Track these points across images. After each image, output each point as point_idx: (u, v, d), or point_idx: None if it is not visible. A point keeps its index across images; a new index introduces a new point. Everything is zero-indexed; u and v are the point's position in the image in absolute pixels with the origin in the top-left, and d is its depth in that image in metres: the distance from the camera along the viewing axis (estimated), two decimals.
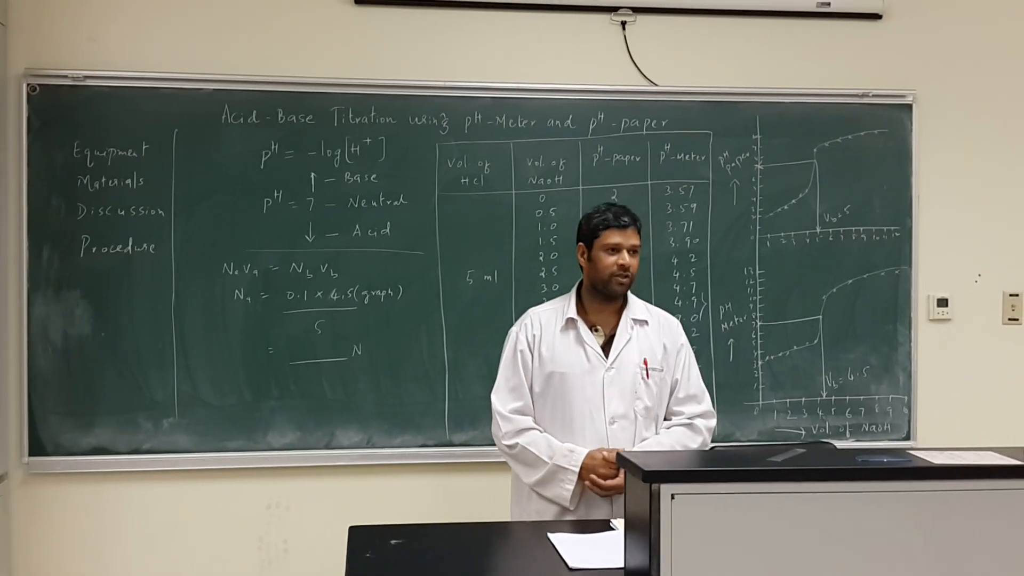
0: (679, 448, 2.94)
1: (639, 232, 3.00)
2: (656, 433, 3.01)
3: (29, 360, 3.61)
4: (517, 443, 2.96)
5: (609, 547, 2.37)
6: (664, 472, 1.98)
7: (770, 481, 1.98)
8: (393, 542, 2.47)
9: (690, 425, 3.02)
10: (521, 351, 3.03)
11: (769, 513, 1.96)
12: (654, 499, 1.94)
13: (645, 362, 2.98)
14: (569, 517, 2.92)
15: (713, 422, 3.09)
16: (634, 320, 3.03)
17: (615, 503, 2.88)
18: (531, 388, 3.02)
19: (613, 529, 2.59)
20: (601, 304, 3.02)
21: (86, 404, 3.64)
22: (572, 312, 3.02)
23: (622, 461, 2.14)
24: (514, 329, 3.10)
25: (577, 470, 2.88)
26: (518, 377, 3.02)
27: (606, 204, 3.08)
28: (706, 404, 3.08)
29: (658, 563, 1.93)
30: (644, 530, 1.97)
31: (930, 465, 2.05)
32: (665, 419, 3.06)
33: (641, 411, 2.97)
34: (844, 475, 2.01)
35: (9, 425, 3.60)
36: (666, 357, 3.03)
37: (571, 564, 2.28)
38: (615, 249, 2.94)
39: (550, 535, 2.51)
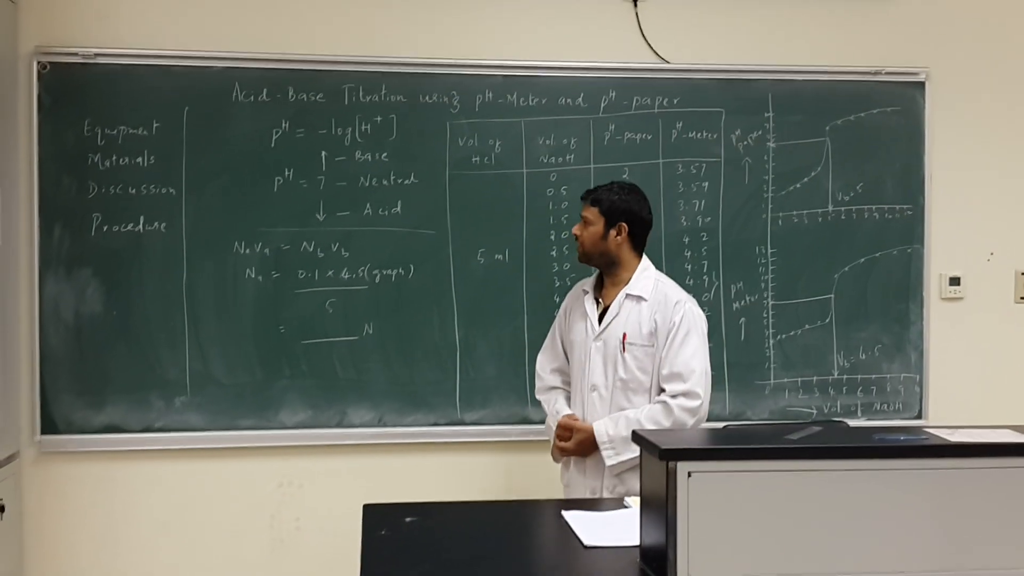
0: (647, 423, 3.01)
1: (594, 204, 3.18)
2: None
3: (41, 339, 3.61)
4: (541, 400, 3.36)
5: (623, 525, 2.38)
6: (681, 450, 1.99)
7: (787, 459, 1.99)
8: (408, 520, 2.48)
9: (664, 403, 3.04)
10: (560, 315, 3.38)
11: (786, 491, 1.97)
12: (671, 477, 1.95)
13: (624, 336, 3.10)
14: (576, 496, 3.15)
15: (695, 403, 3.03)
16: (628, 295, 3.16)
17: (588, 472, 3.14)
18: (566, 351, 3.31)
19: (627, 507, 2.59)
20: (608, 278, 3.23)
21: (98, 382, 3.65)
22: (588, 285, 3.28)
23: (637, 439, 2.14)
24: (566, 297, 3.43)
25: (554, 429, 3.21)
26: (556, 340, 3.36)
27: None
28: (691, 384, 3.04)
29: (675, 540, 1.93)
30: (660, 508, 1.98)
31: (947, 443, 2.05)
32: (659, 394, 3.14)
33: (618, 383, 3.12)
34: (861, 453, 2.02)
35: (21, 404, 3.61)
36: (656, 334, 3.10)
37: (586, 542, 2.28)
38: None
39: (564, 513, 2.52)
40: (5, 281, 3.47)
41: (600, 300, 3.21)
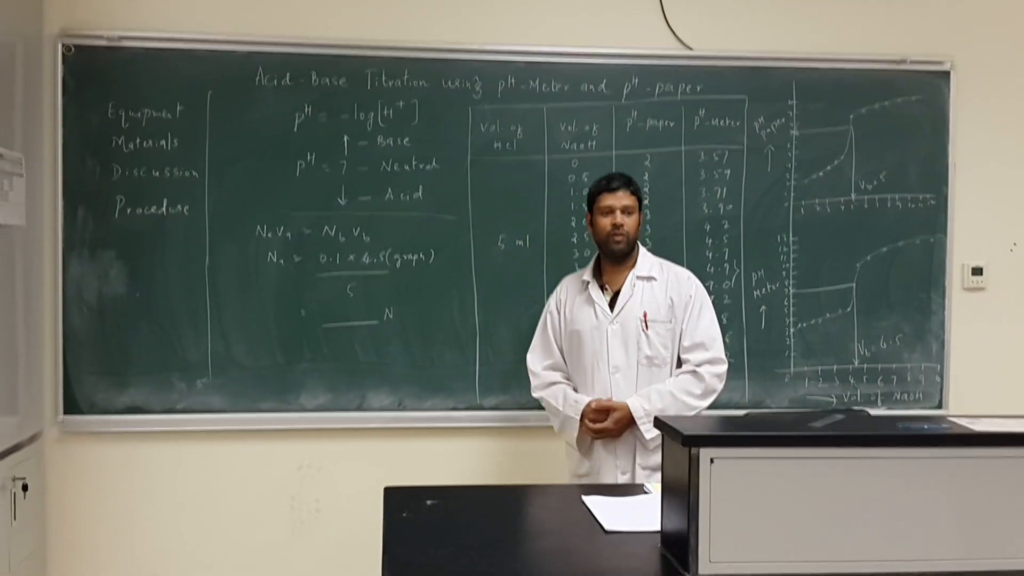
0: (679, 394, 3.17)
1: (634, 193, 3.26)
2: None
3: (64, 320, 3.64)
4: (542, 396, 3.34)
5: (644, 510, 2.38)
6: (704, 436, 1.99)
7: (810, 446, 1.99)
8: (428, 503, 2.49)
9: (694, 372, 3.21)
10: (550, 313, 3.38)
11: (808, 478, 1.97)
12: (693, 463, 1.95)
13: (645, 315, 3.21)
14: (586, 481, 3.22)
15: (721, 368, 3.23)
16: (639, 277, 3.27)
17: (618, 453, 3.20)
18: (561, 347, 3.33)
19: (648, 493, 2.60)
20: (613, 265, 3.29)
21: (121, 364, 3.67)
22: (588, 275, 3.33)
23: (659, 425, 2.14)
24: (551, 295, 3.44)
25: (578, 417, 3.20)
26: (547, 338, 3.36)
27: (606, 174, 3.35)
28: (714, 351, 3.24)
29: (696, 526, 1.94)
30: (683, 494, 1.98)
31: (971, 432, 2.05)
32: (679, 367, 3.25)
33: (643, 361, 3.21)
34: (885, 441, 2.02)
35: (45, 384, 3.64)
36: (673, 310, 3.24)
37: (607, 527, 2.29)
38: (608, 211, 3.23)
39: (584, 498, 2.52)
40: (29, 263, 3.49)
41: (607, 287, 3.28)
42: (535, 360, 3.38)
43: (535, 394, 3.36)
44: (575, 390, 3.28)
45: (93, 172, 3.64)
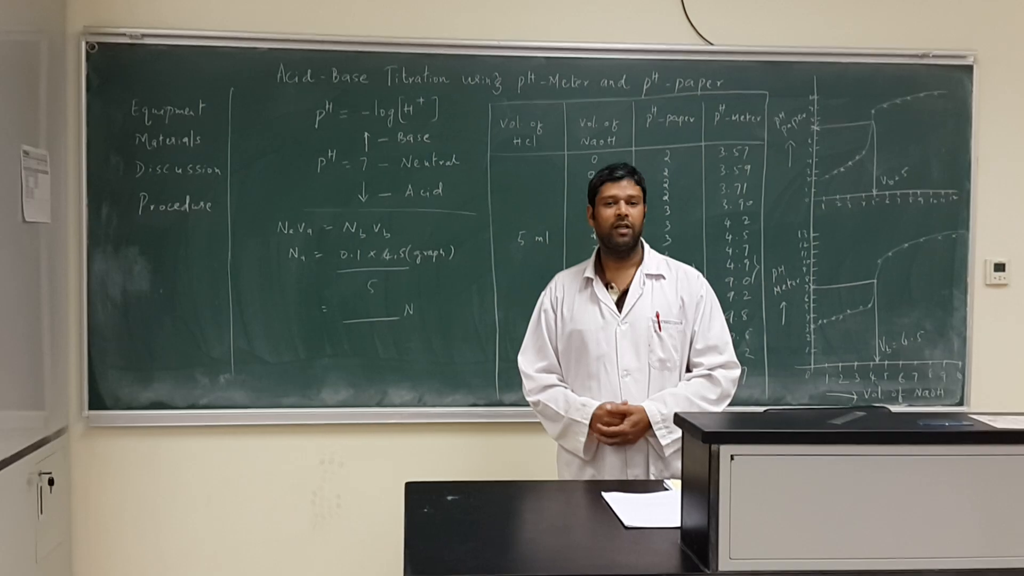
0: (695, 398, 3.01)
1: (638, 183, 3.10)
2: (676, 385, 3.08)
3: (89, 316, 3.67)
4: (539, 400, 3.11)
5: (664, 507, 2.39)
6: (724, 433, 2.00)
7: (831, 444, 1.99)
8: (450, 498, 2.51)
9: (709, 376, 3.06)
10: (544, 311, 3.19)
11: (829, 475, 1.97)
12: (713, 460, 1.95)
13: (657, 315, 3.05)
14: (586, 477, 3.06)
15: (735, 373, 3.10)
16: (647, 275, 3.11)
17: (629, 460, 3.03)
18: (556, 347, 3.14)
19: (668, 489, 2.61)
20: (617, 261, 3.12)
21: (145, 359, 3.71)
22: (589, 272, 3.15)
23: (679, 422, 2.15)
24: (542, 293, 3.25)
25: (587, 422, 3.00)
26: (542, 338, 3.17)
27: (607, 165, 3.18)
28: (728, 355, 3.10)
29: (716, 523, 1.95)
30: (703, 490, 1.99)
31: (993, 429, 2.04)
32: (688, 371, 3.11)
33: (655, 364, 3.04)
34: (906, 438, 2.01)
35: (70, 380, 3.68)
36: (684, 310, 3.09)
37: (627, 523, 2.29)
38: (612, 201, 3.06)
39: (604, 494, 2.53)
40: (54, 259, 3.53)
41: (612, 285, 3.12)
42: (527, 362, 3.16)
43: (530, 398, 3.14)
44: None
45: (117, 169, 3.67)
